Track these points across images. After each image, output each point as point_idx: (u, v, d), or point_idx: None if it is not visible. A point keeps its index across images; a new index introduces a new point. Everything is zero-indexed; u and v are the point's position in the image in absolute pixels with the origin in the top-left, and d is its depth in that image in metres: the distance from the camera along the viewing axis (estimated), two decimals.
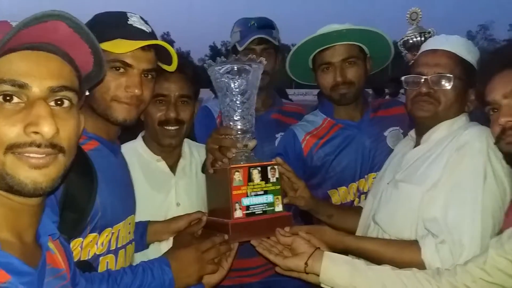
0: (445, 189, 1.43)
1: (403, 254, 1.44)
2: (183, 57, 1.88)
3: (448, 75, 1.53)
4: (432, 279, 1.29)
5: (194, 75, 1.74)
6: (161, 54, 1.40)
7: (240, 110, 1.46)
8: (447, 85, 1.54)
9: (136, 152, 1.78)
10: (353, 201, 2.00)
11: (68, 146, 0.88)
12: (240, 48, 2.18)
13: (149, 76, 1.39)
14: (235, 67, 1.42)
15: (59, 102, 0.87)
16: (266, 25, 2.25)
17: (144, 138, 1.84)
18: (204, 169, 1.71)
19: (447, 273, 1.29)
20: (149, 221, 1.64)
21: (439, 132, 1.58)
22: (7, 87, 0.81)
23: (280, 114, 2.31)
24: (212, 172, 1.53)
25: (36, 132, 0.81)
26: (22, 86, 0.82)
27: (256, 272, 2.15)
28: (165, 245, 1.58)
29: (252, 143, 1.51)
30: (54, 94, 0.86)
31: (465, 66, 1.56)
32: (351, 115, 2.06)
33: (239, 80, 1.42)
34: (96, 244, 1.28)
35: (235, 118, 1.47)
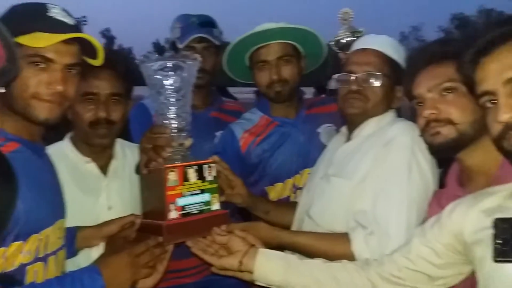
0: (373, 182, 1.50)
1: (335, 246, 1.49)
2: (115, 52, 1.81)
3: (376, 73, 1.60)
4: (361, 270, 1.34)
5: (126, 72, 1.67)
6: (87, 48, 1.32)
7: (175, 108, 1.42)
8: (376, 83, 1.60)
9: (63, 154, 1.69)
10: (289, 196, 2.04)
11: None
12: (180, 46, 2.17)
13: (73, 71, 1.30)
14: (169, 64, 1.38)
15: None
16: (208, 23, 2.24)
17: (72, 139, 1.74)
18: (137, 170, 1.65)
19: (375, 264, 1.34)
20: (79, 226, 1.56)
21: (368, 128, 1.64)
22: None
23: (219, 113, 2.32)
24: (146, 173, 1.48)
25: None
26: None
27: (192, 272, 2.13)
28: (96, 252, 1.51)
29: (187, 142, 1.48)
30: None
31: (392, 65, 1.64)
32: (287, 113, 2.09)
33: (173, 77, 1.38)
34: (22, 252, 1.19)
35: (170, 116, 1.43)
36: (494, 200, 1.12)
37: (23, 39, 1.17)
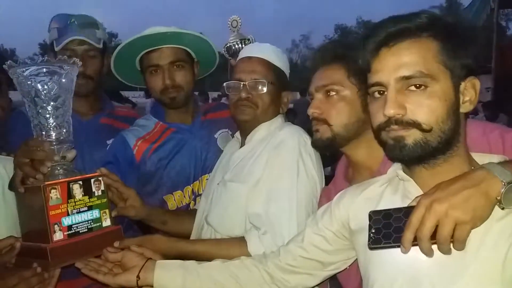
0: (265, 185, 1.56)
1: (232, 250, 1.50)
2: None
3: (262, 80, 1.66)
4: (259, 264, 1.37)
5: None
6: None
7: (54, 118, 1.29)
8: (263, 90, 1.65)
9: None
10: (188, 204, 1.98)
11: None
12: (56, 48, 1.94)
13: None
14: (44, 69, 1.24)
15: None
16: (88, 24, 2.03)
17: None
18: (11, 186, 1.47)
19: (272, 255, 1.38)
20: None
21: (260, 132, 1.71)
22: None
23: (110, 119, 2.15)
24: (23, 191, 1.32)
25: None
26: None
27: None
28: None
29: (70, 154, 1.35)
30: None
31: (276, 72, 1.71)
32: (182, 119, 2.03)
33: (49, 84, 1.24)
34: None
35: (48, 128, 1.29)
36: (375, 189, 1.21)
37: None
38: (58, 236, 1.27)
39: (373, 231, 1.02)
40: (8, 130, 1.88)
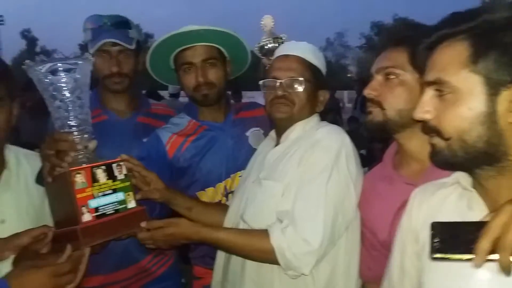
0: (297, 184, 1.55)
1: (254, 241, 1.53)
2: None
3: (299, 78, 1.65)
4: None
5: (4, 73, 1.56)
6: None
7: (73, 110, 1.40)
8: (299, 88, 1.65)
9: None
10: (220, 201, 2.02)
11: None
12: (91, 51, 2.04)
13: None
14: (59, 66, 1.34)
15: None
16: (121, 24, 2.12)
17: None
18: (38, 179, 1.58)
19: None
20: None
21: (295, 131, 1.70)
22: None
23: (147, 117, 2.24)
24: (51, 181, 1.44)
25: None
26: None
27: (124, 285, 2.09)
28: (6, 266, 1.45)
29: (92, 144, 1.45)
30: None
31: (313, 70, 1.70)
32: (215, 117, 2.08)
33: (65, 79, 1.35)
34: None
35: (69, 119, 1.40)
36: (444, 192, 1.13)
37: None
38: (86, 217, 1.37)
39: (437, 240, 0.91)
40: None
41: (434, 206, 1.13)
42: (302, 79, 1.65)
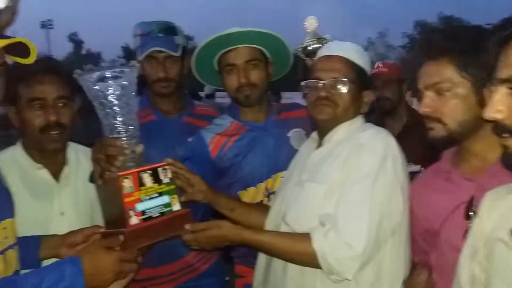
0: (341, 187, 1.53)
1: (296, 244, 1.53)
2: (53, 58, 1.78)
3: (343, 79, 1.62)
4: None
5: (69, 74, 1.67)
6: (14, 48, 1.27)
7: (120, 117, 1.44)
8: (343, 89, 1.62)
9: (14, 160, 1.72)
10: (262, 201, 2.05)
11: None
12: (140, 57, 2.16)
13: None
14: (107, 74, 1.39)
15: None
16: (168, 31, 2.21)
17: (23, 145, 1.76)
18: (91, 179, 1.67)
19: None
20: (42, 235, 1.58)
21: (339, 133, 1.67)
22: None
23: (192, 117, 2.32)
24: (102, 183, 1.50)
25: None
26: None
27: (169, 279, 2.17)
28: None
29: (139, 148, 1.50)
30: None
31: (357, 70, 1.66)
32: (256, 117, 2.11)
33: (113, 87, 1.40)
34: None
35: (117, 125, 1.45)
36: None
37: None
38: (134, 220, 1.41)
39: None
40: None
41: (505, 210, 1.10)
42: (345, 79, 1.62)
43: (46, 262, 1.54)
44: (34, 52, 1.31)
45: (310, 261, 1.49)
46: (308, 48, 2.15)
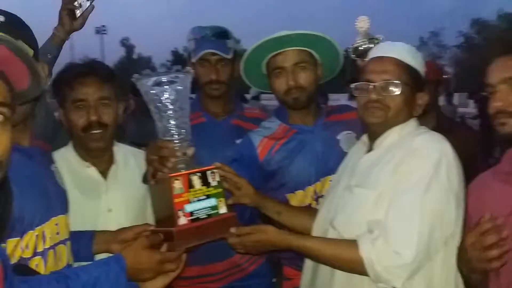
0: (391, 193, 1.49)
1: (343, 251, 1.51)
2: (96, 61, 1.86)
3: (395, 81, 1.56)
4: None
5: (111, 76, 1.77)
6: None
7: (174, 120, 1.50)
8: (395, 91, 1.56)
9: (66, 159, 1.80)
10: (310, 204, 2.04)
11: (4, 159, 0.90)
12: (193, 60, 2.23)
13: None
14: (163, 79, 1.46)
15: None
16: (221, 35, 2.27)
17: (73, 145, 1.86)
18: (144, 180, 1.74)
19: None
20: (95, 230, 1.67)
21: (390, 137, 1.61)
22: None
23: (240, 120, 2.35)
24: (154, 183, 1.56)
25: None
26: None
27: (216, 278, 2.20)
28: None
29: (190, 151, 1.55)
30: None
31: (410, 72, 1.60)
32: (305, 120, 2.10)
33: (168, 91, 1.46)
34: (21, 248, 1.30)
35: (170, 128, 1.51)
36: None
37: None
38: (182, 221, 1.46)
39: None
40: None
41: None
42: (398, 82, 1.56)
43: (99, 257, 1.64)
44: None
45: (357, 268, 1.47)
46: (360, 48, 2.11)
